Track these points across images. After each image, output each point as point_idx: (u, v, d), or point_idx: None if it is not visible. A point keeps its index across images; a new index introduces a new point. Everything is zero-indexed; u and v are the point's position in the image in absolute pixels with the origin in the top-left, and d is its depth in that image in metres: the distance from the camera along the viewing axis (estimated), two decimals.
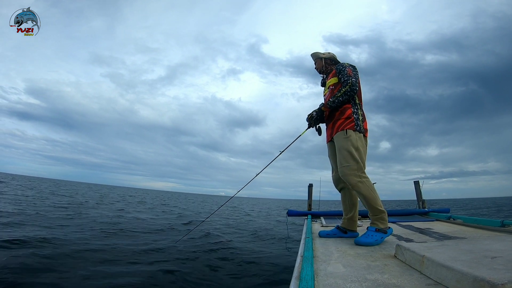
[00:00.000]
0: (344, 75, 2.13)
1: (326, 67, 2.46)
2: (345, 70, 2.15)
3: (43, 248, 3.89)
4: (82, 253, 3.90)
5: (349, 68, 2.17)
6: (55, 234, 4.96)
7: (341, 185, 2.19)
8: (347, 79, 2.09)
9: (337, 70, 2.22)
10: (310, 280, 1.02)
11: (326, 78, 2.44)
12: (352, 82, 2.07)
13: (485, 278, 0.78)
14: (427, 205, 4.41)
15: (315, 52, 2.53)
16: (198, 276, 3.47)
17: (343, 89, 2.08)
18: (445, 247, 1.25)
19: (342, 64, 2.25)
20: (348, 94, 2.07)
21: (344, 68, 2.17)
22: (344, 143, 2.01)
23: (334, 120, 2.16)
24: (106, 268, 3.38)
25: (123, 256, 4.02)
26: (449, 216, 3.19)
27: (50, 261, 3.41)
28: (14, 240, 4.09)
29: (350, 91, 2.07)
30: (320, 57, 2.48)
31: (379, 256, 1.45)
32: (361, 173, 1.95)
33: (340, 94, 2.08)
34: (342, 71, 2.17)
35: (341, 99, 2.08)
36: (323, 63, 2.46)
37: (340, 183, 2.19)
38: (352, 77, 2.10)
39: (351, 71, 2.14)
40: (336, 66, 2.27)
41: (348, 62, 2.28)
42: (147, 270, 3.43)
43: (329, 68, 2.44)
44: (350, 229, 2.13)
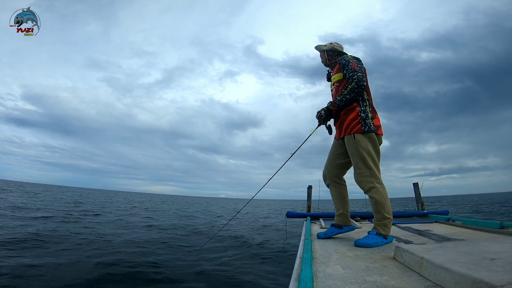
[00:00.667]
0: (349, 70, 1.99)
1: (329, 60, 2.33)
2: (349, 64, 2.00)
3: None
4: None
5: (353, 61, 2.03)
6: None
7: (327, 181, 2.19)
8: (352, 75, 1.96)
9: (340, 65, 2.09)
10: (309, 281, 1.02)
11: (331, 72, 2.33)
12: (358, 78, 1.94)
13: (484, 280, 0.77)
14: (426, 205, 4.42)
15: (318, 45, 2.40)
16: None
17: (349, 86, 1.95)
18: (444, 249, 1.25)
19: (344, 57, 2.11)
20: (355, 91, 1.95)
21: (347, 62, 2.03)
22: (354, 149, 1.96)
23: (340, 121, 2.09)
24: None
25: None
26: (448, 218, 3.19)
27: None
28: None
29: (357, 87, 1.94)
30: (322, 49, 2.36)
31: (378, 257, 1.45)
32: (374, 179, 1.91)
33: (347, 91, 1.96)
34: (345, 65, 2.03)
35: (348, 97, 1.97)
36: (326, 56, 2.34)
37: (327, 180, 2.19)
38: (357, 71, 1.96)
39: (355, 65, 2.00)
40: (339, 60, 2.14)
41: (351, 55, 2.15)
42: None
43: (333, 61, 2.31)
44: (344, 224, 2.12)
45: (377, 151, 1.99)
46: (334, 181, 2.16)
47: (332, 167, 2.17)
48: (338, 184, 2.15)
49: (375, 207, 1.90)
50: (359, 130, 1.95)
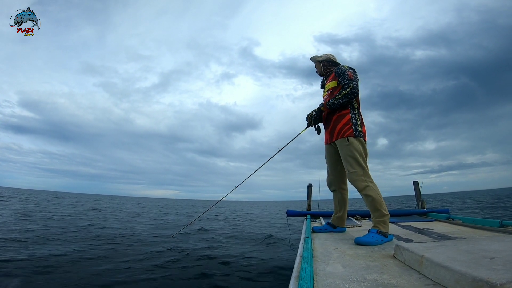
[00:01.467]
0: (344, 79, 2.17)
1: (325, 69, 2.51)
2: (346, 73, 2.18)
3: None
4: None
5: (349, 71, 2.20)
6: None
7: (333, 188, 2.37)
8: (348, 82, 2.13)
9: (337, 73, 2.26)
10: (309, 280, 1.02)
11: (325, 80, 2.49)
12: (353, 86, 2.12)
13: (484, 278, 0.78)
14: (427, 203, 4.42)
15: (313, 56, 2.60)
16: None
17: (343, 91, 2.12)
18: (444, 247, 1.25)
19: (341, 67, 2.28)
20: (348, 97, 2.12)
21: (344, 71, 2.21)
22: (347, 151, 2.09)
23: (332, 125, 2.23)
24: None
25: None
26: (448, 217, 3.20)
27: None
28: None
29: (350, 94, 2.12)
30: (318, 60, 2.55)
31: (378, 256, 1.45)
32: (367, 178, 2.03)
33: (341, 96, 2.13)
34: (342, 74, 2.20)
35: (341, 101, 2.13)
36: (321, 66, 2.52)
37: (332, 186, 2.37)
38: (353, 80, 2.14)
39: (351, 74, 2.18)
40: (335, 69, 2.31)
41: (347, 65, 2.31)
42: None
43: (328, 70, 2.49)
44: (338, 225, 2.38)
45: (366, 155, 2.16)
46: (340, 187, 2.34)
47: (338, 173, 2.32)
48: (343, 190, 2.35)
49: (372, 205, 1.97)
50: (351, 134, 2.12)
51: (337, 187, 2.34)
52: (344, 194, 2.34)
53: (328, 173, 2.40)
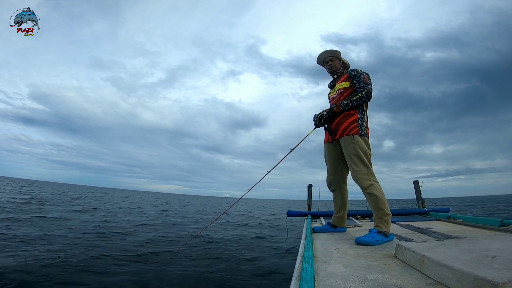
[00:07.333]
0: (360, 82, 2.17)
1: (341, 69, 2.44)
2: (361, 77, 2.18)
3: None
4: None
5: (364, 75, 2.21)
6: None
7: (333, 188, 2.36)
8: (364, 86, 2.14)
9: (351, 76, 2.24)
10: (310, 280, 1.02)
11: (336, 80, 2.44)
12: (368, 89, 2.13)
13: (486, 277, 0.77)
14: (426, 204, 4.41)
15: (335, 51, 2.44)
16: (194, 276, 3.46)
17: (359, 94, 2.12)
18: (445, 246, 1.25)
19: (357, 69, 2.27)
20: (363, 100, 2.13)
21: (360, 74, 2.21)
22: (352, 149, 2.08)
23: (337, 123, 2.20)
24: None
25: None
26: (449, 216, 3.19)
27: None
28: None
29: (365, 97, 2.13)
30: (340, 58, 2.44)
31: (379, 256, 1.45)
32: (372, 177, 2.03)
33: (356, 98, 2.12)
34: (357, 77, 2.20)
35: (355, 103, 2.13)
36: (341, 65, 2.44)
37: (333, 186, 2.36)
38: (369, 84, 2.15)
39: (367, 78, 2.18)
40: (349, 71, 2.30)
41: (361, 69, 2.27)
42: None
43: (341, 71, 2.44)
44: (339, 225, 2.36)
45: (371, 155, 2.14)
46: (341, 187, 2.33)
47: (339, 172, 2.30)
48: (343, 190, 2.34)
49: (375, 203, 1.96)
50: (357, 133, 2.11)
51: (337, 187, 2.33)
52: (344, 194, 2.34)
53: (328, 172, 2.38)
